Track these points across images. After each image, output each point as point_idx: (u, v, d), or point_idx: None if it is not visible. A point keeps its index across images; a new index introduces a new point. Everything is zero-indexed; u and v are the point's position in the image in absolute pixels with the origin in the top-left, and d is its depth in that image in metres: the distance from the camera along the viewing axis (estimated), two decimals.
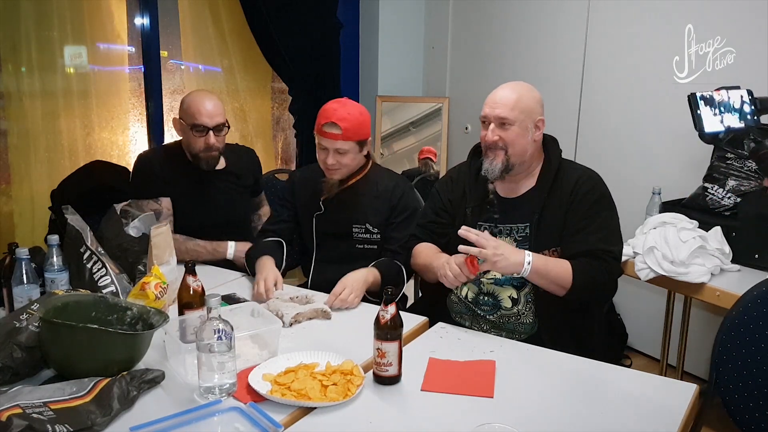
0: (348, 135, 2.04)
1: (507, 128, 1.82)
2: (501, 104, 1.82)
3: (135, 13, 3.44)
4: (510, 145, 1.82)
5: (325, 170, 2.13)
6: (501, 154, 1.84)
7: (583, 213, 1.81)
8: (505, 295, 1.85)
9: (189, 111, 2.29)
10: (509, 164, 1.84)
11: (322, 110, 2.09)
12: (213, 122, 2.28)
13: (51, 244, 1.72)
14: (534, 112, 1.84)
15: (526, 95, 1.84)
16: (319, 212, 2.19)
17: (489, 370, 1.50)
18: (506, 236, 1.89)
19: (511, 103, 1.82)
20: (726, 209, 2.36)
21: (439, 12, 4.13)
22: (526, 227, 1.86)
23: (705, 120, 1.21)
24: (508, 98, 1.82)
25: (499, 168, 1.84)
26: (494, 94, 1.86)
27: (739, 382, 1.56)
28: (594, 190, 1.83)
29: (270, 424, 1.24)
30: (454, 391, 1.41)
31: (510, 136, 1.82)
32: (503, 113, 1.81)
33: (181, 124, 2.33)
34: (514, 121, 1.81)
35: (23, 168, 3.14)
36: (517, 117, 1.81)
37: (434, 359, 1.56)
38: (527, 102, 1.83)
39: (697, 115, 1.27)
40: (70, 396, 1.28)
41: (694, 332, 2.70)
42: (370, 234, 2.16)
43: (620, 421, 1.31)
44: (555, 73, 3.44)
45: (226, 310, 1.62)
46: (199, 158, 2.33)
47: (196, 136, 2.28)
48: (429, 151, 4.11)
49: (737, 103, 1.33)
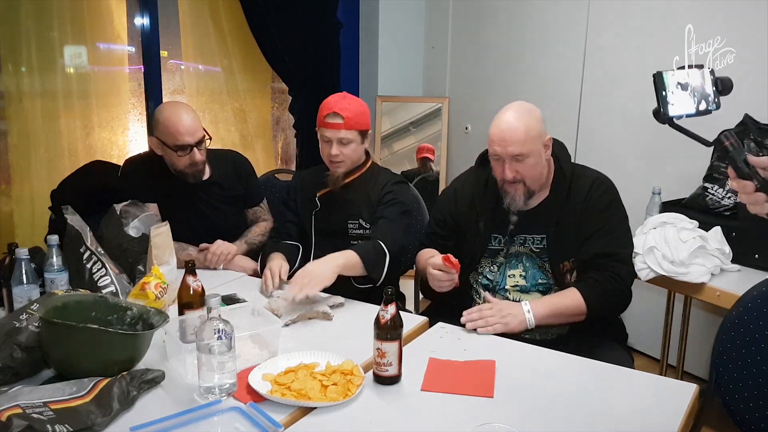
0: (350, 124, 2.06)
1: (522, 162, 1.77)
2: (512, 141, 1.75)
3: (135, 13, 3.43)
4: (528, 177, 1.80)
5: (329, 163, 2.13)
6: (521, 187, 1.81)
7: (595, 218, 1.81)
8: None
9: (168, 131, 2.17)
10: (530, 192, 1.83)
11: (324, 103, 2.11)
12: (195, 138, 2.18)
13: (51, 244, 1.72)
14: (542, 135, 1.80)
15: (531, 122, 1.78)
16: (316, 209, 2.20)
17: (489, 369, 1.50)
18: (520, 245, 1.88)
19: (521, 137, 1.75)
20: (726, 209, 2.36)
21: (439, 12, 4.13)
22: (543, 239, 1.86)
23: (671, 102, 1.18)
24: (518, 132, 1.75)
25: (523, 199, 1.83)
26: (500, 129, 1.78)
27: (739, 382, 1.56)
28: (606, 195, 1.84)
29: (270, 424, 1.24)
30: (453, 391, 1.41)
31: (527, 169, 1.78)
32: (516, 149, 1.75)
33: (161, 144, 2.21)
34: (528, 154, 1.76)
35: (23, 168, 3.14)
36: (529, 148, 1.76)
37: (434, 359, 1.56)
38: (534, 128, 1.77)
39: (662, 96, 1.24)
40: (70, 396, 1.28)
41: (694, 332, 2.70)
42: (364, 230, 2.17)
43: (620, 421, 1.30)
44: (555, 73, 3.44)
45: (226, 310, 1.62)
46: (185, 174, 2.25)
47: (180, 156, 2.19)
48: (427, 149, 4.11)
49: (700, 84, 1.30)
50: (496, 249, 1.92)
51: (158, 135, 2.22)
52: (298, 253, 2.19)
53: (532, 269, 1.87)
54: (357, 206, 2.18)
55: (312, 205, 2.21)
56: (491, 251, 1.92)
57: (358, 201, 2.18)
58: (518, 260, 1.89)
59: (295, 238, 2.23)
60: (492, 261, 1.92)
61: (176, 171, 2.26)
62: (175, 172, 2.27)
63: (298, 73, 3.81)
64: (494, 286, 1.91)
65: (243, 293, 2.00)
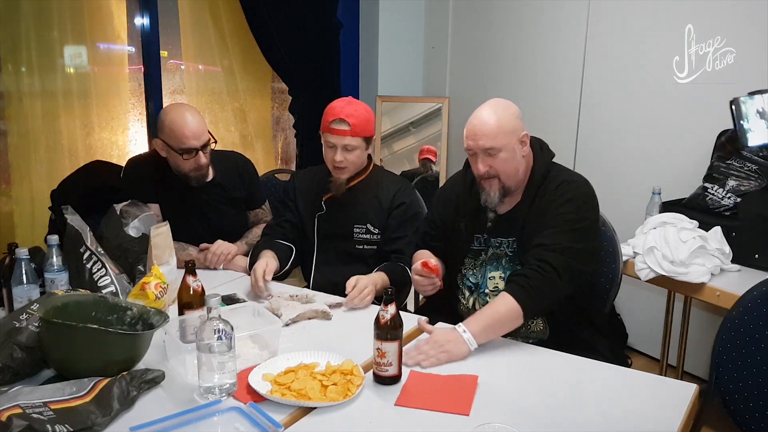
0: (356, 131, 2.05)
1: (495, 156, 1.77)
2: (483, 134, 1.76)
3: (135, 13, 3.44)
4: (502, 172, 1.79)
5: (333, 169, 2.13)
6: (495, 183, 1.81)
7: (551, 216, 1.77)
8: None
9: (173, 134, 2.16)
10: (505, 188, 1.82)
11: (329, 108, 2.08)
12: (200, 142, 2.18)
13: (51, 244, 1.72)
14: (516, 130, 1.78)
15: (504, 116, 1.77)
16: (321, 212, 2.19)
17: (470, 385, 1.44)
18: (496, 248, 1.89)
19: (493, 130, 1.75)
20: (726, 209, 2.36)
21: (439, 12, 4.14)
22: (513, 242, 1.86)
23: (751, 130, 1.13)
24: (489, 126, 1.76)
25: (498, 196, 1.82)
26: (472, 124, 1.79)
27: (739, 382, 1.56)
28: (567, 194, 1.79)
29: (270, 424, 1.24)
30: (429, 408, 1.35)
31: (499, 163, 1.78)
32: (487, 143, 1.75)
33: (165, 147, 2.21)
34: (500, 148, 1.76)
35: (23, 168, 3.14)
36: (501, 143, 1.75)
37: (416, 372, 1.50)
38: (507, 123, 1.77)
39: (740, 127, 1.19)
40: (70, 396, 1.28)
41: (694, 332, 2.70)
42: (371, 234, 2.16)
43: (620, 421, 1.30)
44: (555, 73, 3.44)
45: (226, 310, 1.62)
46: (189, 177, 2.25)
47: (185, 159, 2.19)
48: (429, 150, 4.11)
49: None
50: (478, 249, 1.92)
51: (163, 137, 2.20)
52: (291, 255, 2.18)
53: (510, 271, 1.86)
54: (364, 211, 2.17)
55: (315, 208, 2.20)
56: (474, 251, 1.93)
57: (366, 206, 2.17)
58: (498, 262, 1.89)
59: (289, 238, 2.21)
60: (474, 262, 1.93)
61: (180, 173, 2.25)
62: (179, 175, 2.26)
63: (298, 73, 3.81)
64: (476, 288, 1.91)
65: (243, 293, 2.00)
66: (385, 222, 2.16)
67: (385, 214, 2.16)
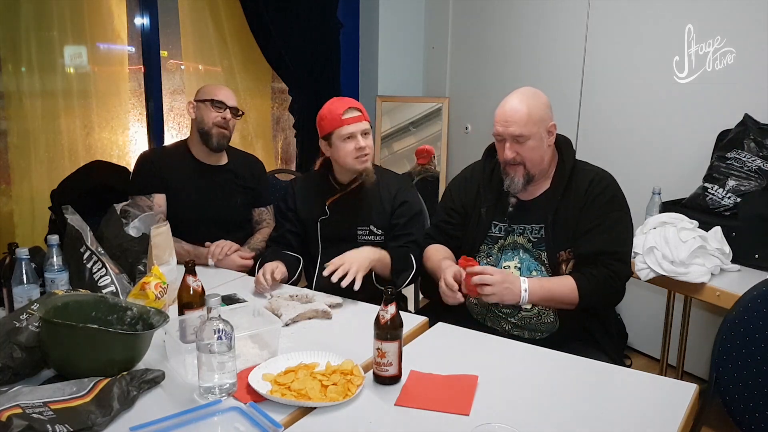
0: (366, 116, 2.11)
1: (523, 143, 1.81)
2: (513, 121, 1.79)
3: (135, 13, 3.44)
4: (528, 159, 1.83)
5: (356, 160, 2.08)
6: (521, 169, 1.84)
7: (595, 213, 1.82)
8: None
9: (207, 90, 2.40)
10: (530, 176, 1.85)
11: (330, 108, 2.09)
12: (231, 103, 2.39)
13: (51, 244, 1.72)
14: (545, 119, 1.83)
15: (535, 105, 1.81)
16: (324, 217, 2.18)
17: (470, 385, 1.43)
18: (519, 235, 1.90)
19: (523, 118, 1.79)
20: (726, 209, 2.36)
21: (439, 12, 4.14)
22: (541, 228, 1.87)
23: None
24: (520, 113, 1.79)
25: (522, 183, 1.85)
26: (503, 110, 1.83)
27: (739, 382, 1.56)
28: (607, 191, 1.84)
29: (270, 424, 1.24)
30: (429, 408, 1.35)
31: (527, 150, 1.81)
32: (517, 130, 1.79)
33: (197, 105, 2.41)
34: (529, 136, 1.80)
35: (23, 168, 3.14)
36: (531, 130, 1.79)
37: (416, 372, 1.50)
38: (538, 112, 1.81)
39: None
40: (70, 396, 1.28)
41: (694, 332, 2.70)
42: (374, 236, 2.16)
43: (620, 421, 1.30)
44: (555, 73, 3.44)
45: (226, 310, 1.62)
46: (211, 135, 2.38)
47: (213, 110, 2.36)
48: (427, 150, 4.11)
49: None
50: (496, 236, 1.94)
51: (197, 97, 2.43)
52: (299, 266, 2.18)
53: (527, 261, 1.88)
54: (367, 212, 2.16)
55: (317, 212, 2.19)
56: (491, 238, 1.94)
57: (368, 207, 2.17)
58: (515, 252, 1.90)
59: (295, 248, 2.21)
60: (490, 250, 1.94)
61: (203, 131, 2.39)
62: (201, 134, 2.39)
63: (298, 73, 3.81)
64: None
65: (243, 293, 2.00)
66: (388, 222, 2.16)
67: (387, 213, 2.16)
